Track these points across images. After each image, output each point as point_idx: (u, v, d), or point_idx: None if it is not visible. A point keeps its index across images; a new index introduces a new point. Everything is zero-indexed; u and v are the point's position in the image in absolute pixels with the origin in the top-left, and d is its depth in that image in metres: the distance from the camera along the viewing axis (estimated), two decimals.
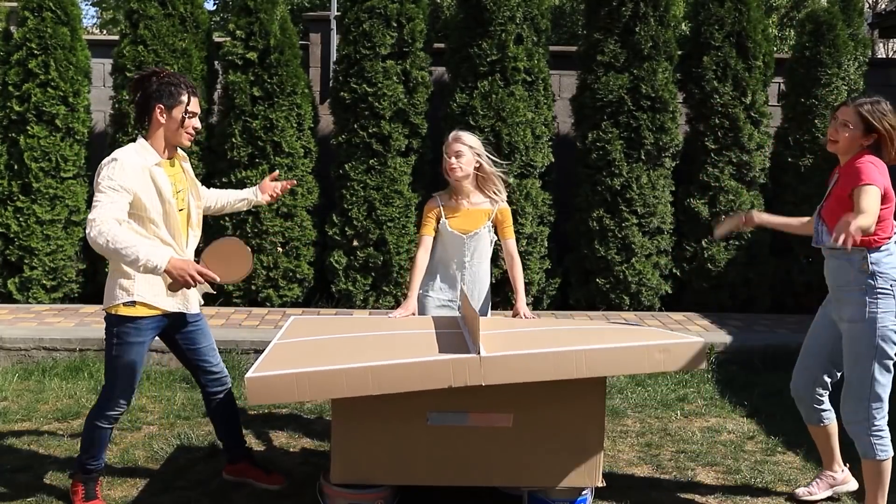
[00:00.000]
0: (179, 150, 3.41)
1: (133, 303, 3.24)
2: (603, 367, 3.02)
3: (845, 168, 3.28)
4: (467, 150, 3.81)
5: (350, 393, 2.95)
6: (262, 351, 3.20)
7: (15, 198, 6.68)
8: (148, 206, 3.16)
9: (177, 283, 3.06)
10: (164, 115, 3.22)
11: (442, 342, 3.18)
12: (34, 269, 6.67)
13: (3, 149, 6.75)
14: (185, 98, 3.23)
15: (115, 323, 3.26)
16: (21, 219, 6.66)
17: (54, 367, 5.34)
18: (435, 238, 3.88)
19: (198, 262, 3.11)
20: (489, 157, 3.88)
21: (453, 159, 3.79)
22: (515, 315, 3.83)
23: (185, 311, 3.37)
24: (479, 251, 3.90)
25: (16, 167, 6.69)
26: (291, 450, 4.16)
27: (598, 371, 3.01)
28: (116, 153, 3.16)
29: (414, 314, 3.78)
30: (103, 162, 3.16)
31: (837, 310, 3.33)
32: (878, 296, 3.18)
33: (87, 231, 3.03)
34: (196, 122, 3.31)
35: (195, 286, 3.11)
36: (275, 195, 3.80)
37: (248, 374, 2.91)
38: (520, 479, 3.30)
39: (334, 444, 3.26)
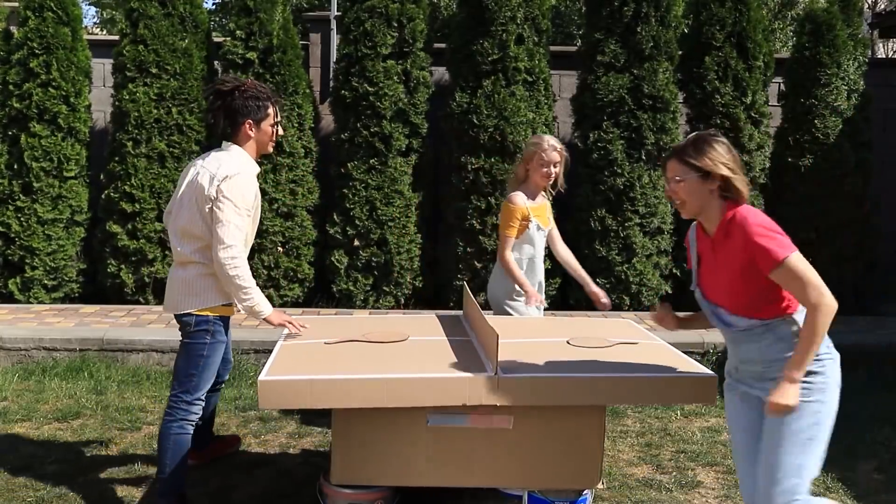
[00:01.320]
0: None
1: (230, 303, 3.40)
2: (616, 397, 3.05)
3: (721, 230, 2.61)
4: (565, 160, 4.11)
5: (363, 404, 2.95)
6: (262, 351, 3.20)
7: (16, 197, 6.68)
8: (255, 217, 3.39)
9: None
10: (254, 130, 3.34)
11: (455, 353, 3.18)
12: (35, 268, 6.67)
13: (3, 148, 6.76)
14: (270, 111, 3.37)
15: (211, 322, 3.37)
16: (22, 218, 6.66)
17: (54, 367, 5.34)
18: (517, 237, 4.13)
19: None
20: None
21: (553, 168, 4.07)
22: (596, 300, 4.08)
23: None
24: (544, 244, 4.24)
25: (16, 167, 6.69)
26: (291, 450, 4.16)
27: (612, 400, 3.05)
28: (239, 166, 3.25)
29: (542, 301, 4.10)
30: (228, 173, 3.20)
31: (761, 389, 2.64)
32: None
33: (219, 252, 3.18)
34: (280, 130, 3.48)
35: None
36: None
37: (261, 378, 2.91)
38: (520, 480, 3.30)
39: (334, 444, 3.26)
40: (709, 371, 3.08)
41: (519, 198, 4.08)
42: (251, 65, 6.79)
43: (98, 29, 18.67)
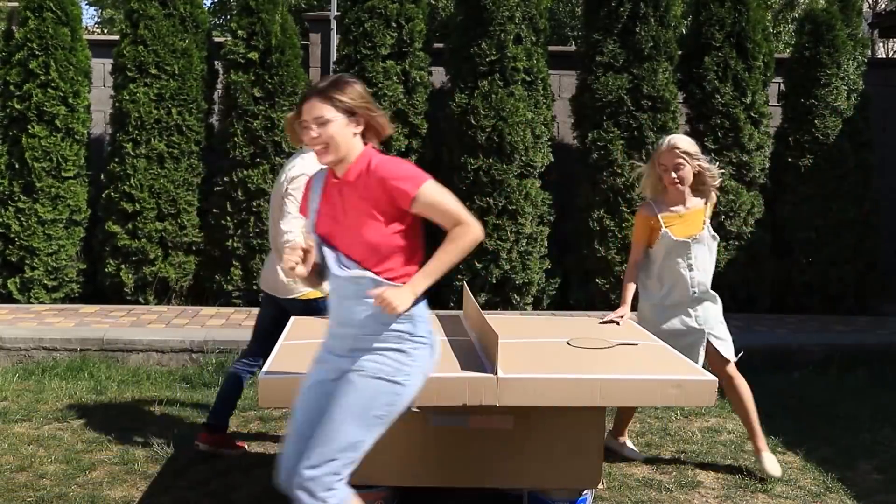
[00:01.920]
0: None
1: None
2: (616, 398, 3.02)
3: (355, 173, 2.49)
4: (686, 160, 3.65)
5: None
6: None
7: (16, 198, 6.68)
8: None
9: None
10: None
11: (456, 353, 3.18)
12: (35, 269, 6.67)
13: (3, 149, 6.76)
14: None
15: (309, 304, 3.81)
16: (22, 219, 6.66)
17: (54, 367, 5.34)
18: (652, 247, 3.80)
19: None
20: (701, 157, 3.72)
21: (673, 173, 3.67)
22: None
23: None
24: (705, 252, 3.78)
25: (17, 167, 6.69)
26: None
27: (612, 401, 3.03)
28: (303, 168, 3.64)
29: (623, 316, 3.82)
30: (295, 174, 3.66)
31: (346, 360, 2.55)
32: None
33: (278, 238, 3.68)
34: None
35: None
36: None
37: (261, 376, 2.92)
38: (520, 480, 3.30)
39: None
40: (709, 374, 3.08)
41: (649, 206, 3.78)
42: (252, 65, 6.79)
43: (98, 28, 18.67)
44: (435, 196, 2.51)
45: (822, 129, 6.98)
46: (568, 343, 3.41)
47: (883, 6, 14.52)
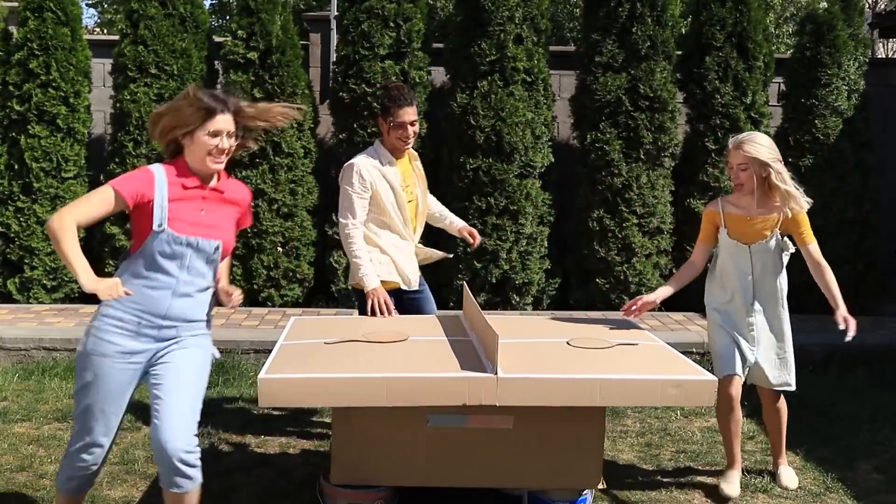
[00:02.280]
0: (410, 150, 3.98)
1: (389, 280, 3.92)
2: (616, 398, 3.02)
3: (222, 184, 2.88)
4: (750, 161, 3.50)
5: (362, 403, 2.95)
6: (262, 351, 3.21)
7: (16, 198, 6.68)
8: (383, 198, 3.83)
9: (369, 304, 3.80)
10: (383, 126, 3.86)
11: (456, 353, 3.18)
12: (35, 269, 6.67)
13: (3, 149, 6.76)
14: (394, 111, 3.76)
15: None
16: (22, 219, 6.66)
17: (54, 367, 5.34)
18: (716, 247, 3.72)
19: None
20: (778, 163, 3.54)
21: (739, 172, 3.53)
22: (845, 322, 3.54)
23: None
24: (766, 262, 3.62)
25: (16, 167, 6.69)
26: (291, 450, 4.16)
27: (611, 401, 3.02)
28: (357, 157, 3.85)
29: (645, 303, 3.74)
30: (345, 166, 3.85)
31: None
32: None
33: (340, 224, 3.87)
34: (407, 130, 3.79)
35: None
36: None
37: (261, 375, 2.91)
38: (520, 480, 3.30)
39: (334, 444, 3.26)
40: (709, 374, 3.07)
41: (716, 202, 3.70)
42: (252, 65, 6.79)
43: (98, 28, 18.66)
44: None
45: (823, 130, 6.98)
46: (568, 343, 3.41)
47: (883, 6, 14.52)
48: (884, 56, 15.20)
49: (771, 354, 3.65)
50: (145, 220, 2.73)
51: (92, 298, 2.65)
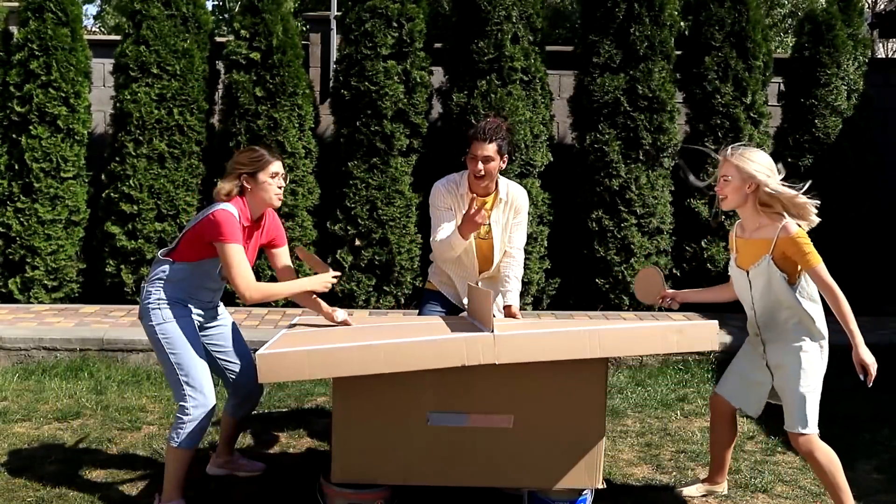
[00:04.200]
0: (511, 198, 3.88)
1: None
2: (616, 347, 2.99)
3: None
4: (735, 174, 3.15)
5: (360, 371, 2.93)
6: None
7: (16, 198, 6.68)
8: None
9: None
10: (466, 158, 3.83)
11: (453, 328, 3.20)
12: (36, 268, 6.67)
13: (3, 149, 6.76)
14: (470, 144, 3.74)
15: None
16: (22, 218, 6.67)
17: (54, 367, 5.34)
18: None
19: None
20: (769, 177, 3.14)
21: (720, 183, 3.21)
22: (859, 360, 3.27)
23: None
24: (765, 290, 3.24)
25: (17, 167, 6.70)
26: (291, 450, 4.16)
27: (612, 351, 2.99)
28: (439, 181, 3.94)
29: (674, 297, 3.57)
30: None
31: None
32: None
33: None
34: (476, 164, 3.71)
35: None
36: None
37: (260, 352, 2.94)
38: (520, 480, 3.30)
39: (334, 444, 3.26)
40: (710, 321, 3.07)
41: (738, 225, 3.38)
42: (254, 65, 6.79)
43: (98, 29, 18.67)
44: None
45: (822, 129, 6.98)
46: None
47: (882, 6, 14.52)
48: (884, 56, 15.21)
49: (781, 388, 3.31)
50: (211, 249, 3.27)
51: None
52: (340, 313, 3.57)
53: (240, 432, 3.87)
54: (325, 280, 3.46)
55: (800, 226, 3.13)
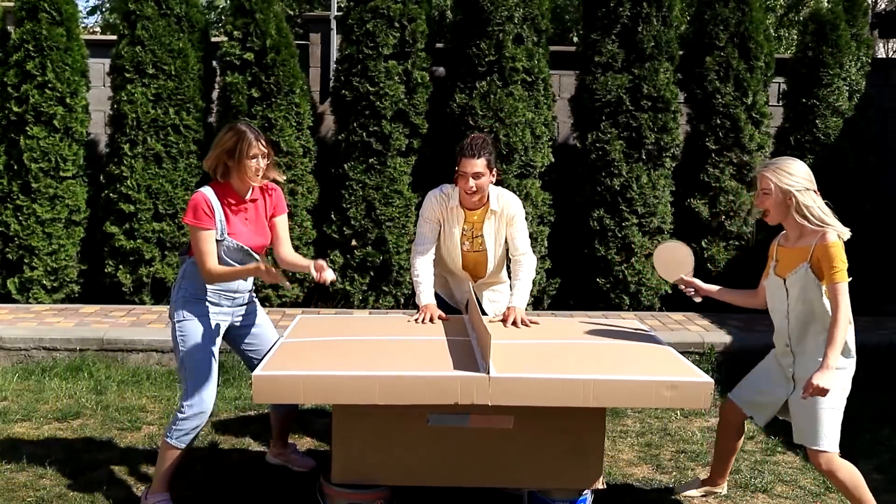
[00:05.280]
0: (506, 213, 3.92)
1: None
2: (610, 399, 2.99)
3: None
4: (772, 188, 3.19)
5: (355, 400, 2.96)
6: None
7: (15, 197, 6.68)
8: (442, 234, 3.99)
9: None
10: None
11: (452, 353, 3.18)
12: (34, 269, 6.66)
13: (1, 149, 6.75)
14: (458, 161, 3.74)
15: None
16: (21, 218, 6.66)
17: (54, 367, 5.34)
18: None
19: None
20: (804, 189, 3.16)
21: (760, 196, 3.25)
22: None
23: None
24: (800, 299, 3.21)
25: (15, 167, 6.69)
26: None
27: (605, 402, 3.00)
28: (433, 190, 3.99)
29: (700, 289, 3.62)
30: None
31: None
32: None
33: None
34: (467, 182, 3.72)
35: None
36: None
37: (256, 372, 2.95)
38: (520, 480, 3.30)
39: (334, 444, 3.26)
40: (706, 376, 3.05)
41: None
42: (248, 65, 6.78)
43: (97, 29, 18.66)
44: None
45: (823, 130, 6.98)
46: (566, 343, 3.39)
47: (883, 6, 14.52)
48: (884, 56, 15.21)
49: (800, 408, 3.24)
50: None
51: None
52: (329, 273, 3.33)
53: (289, 424, 3.90)
54: (259, 266, 3.40)
55: (840, 237, 3.12)
